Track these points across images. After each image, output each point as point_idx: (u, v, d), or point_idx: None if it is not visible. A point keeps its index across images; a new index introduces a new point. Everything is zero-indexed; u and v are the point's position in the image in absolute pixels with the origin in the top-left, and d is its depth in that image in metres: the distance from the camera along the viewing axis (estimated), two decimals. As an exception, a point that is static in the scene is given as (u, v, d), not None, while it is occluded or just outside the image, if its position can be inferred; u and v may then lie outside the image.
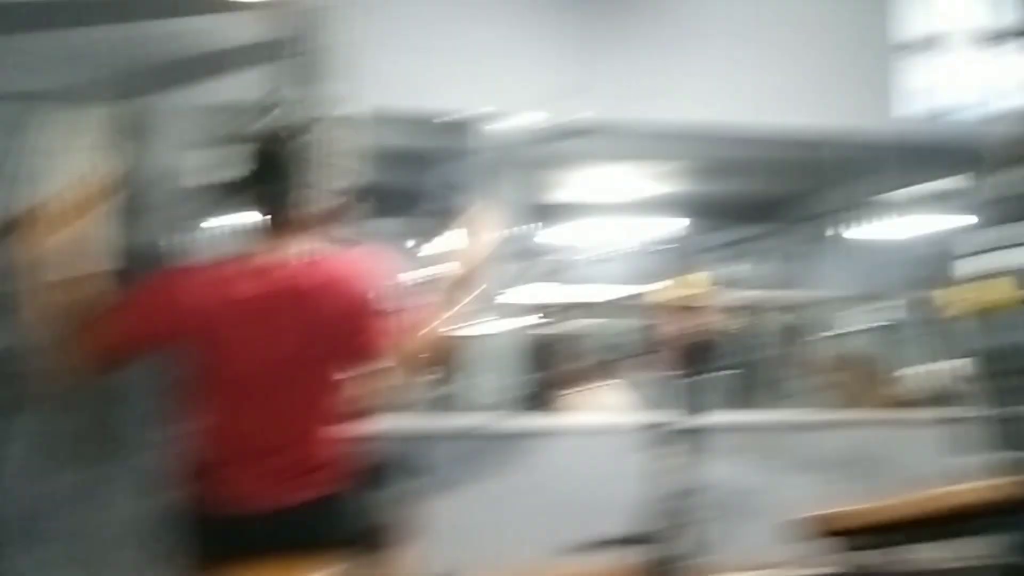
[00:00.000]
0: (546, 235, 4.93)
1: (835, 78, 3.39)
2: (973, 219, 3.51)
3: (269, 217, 1.47)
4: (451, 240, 1.67)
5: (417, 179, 3.63)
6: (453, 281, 1.58)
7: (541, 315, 4.28)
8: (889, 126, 3.44)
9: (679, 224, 5.30)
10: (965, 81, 3.52)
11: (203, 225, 2.04)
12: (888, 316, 4.77)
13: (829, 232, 4.99)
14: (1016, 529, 2.13)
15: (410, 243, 4.64)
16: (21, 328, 1.44)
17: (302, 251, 1.44)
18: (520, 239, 3.63)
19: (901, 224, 4.76)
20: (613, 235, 5.28)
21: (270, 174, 1.46)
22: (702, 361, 4.54)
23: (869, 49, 3.47)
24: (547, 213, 4.55)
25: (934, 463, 2.48)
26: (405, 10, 2.86)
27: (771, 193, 5.06)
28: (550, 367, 3.92)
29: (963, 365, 2.64)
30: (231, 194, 1.51)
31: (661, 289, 2.60)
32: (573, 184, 4.47)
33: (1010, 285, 2.33)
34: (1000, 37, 3.46)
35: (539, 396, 3.73)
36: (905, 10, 3.48)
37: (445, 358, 1.63)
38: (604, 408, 3.63)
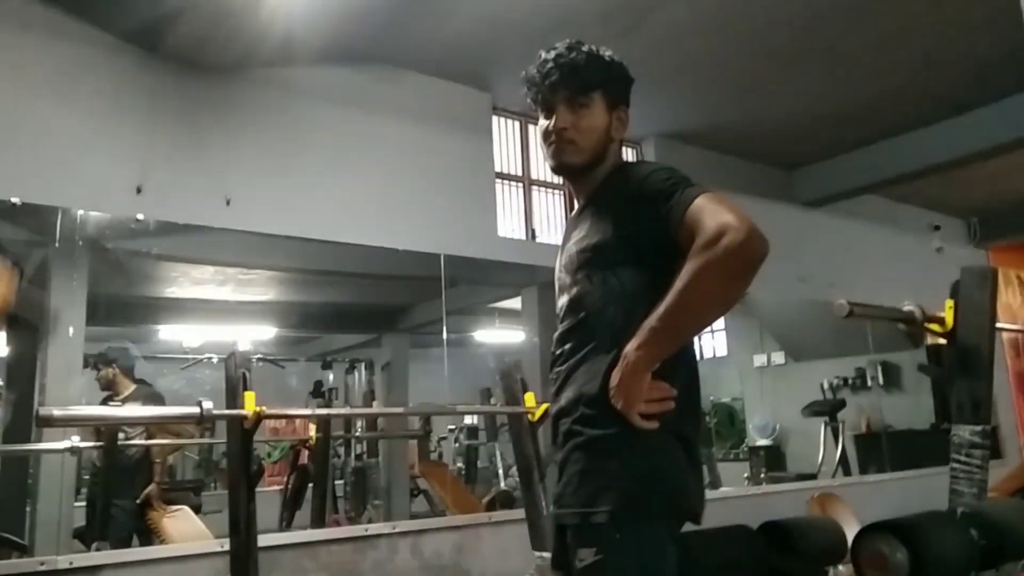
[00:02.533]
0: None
1: (448, 201, 3.77)
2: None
3: None
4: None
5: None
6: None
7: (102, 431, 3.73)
8: (494, 245, 3.92)
9: (269, 332, 5.16)
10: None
11: None
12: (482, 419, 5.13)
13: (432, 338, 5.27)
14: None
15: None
16: None
17: None
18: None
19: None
20: (202, 338, 4.90)
21: None
22: (300, 478, 4.40)
23: (477, 177, 3.94)
24: (137, 310, 4.12)
25: (525, 560, 2.65)
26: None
27: (379, 304, 5.25)
28: (120, 492, 3.40)
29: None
30: None
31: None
32: (166, 282, 4.13)
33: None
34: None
35: (105, 525, 3.19)
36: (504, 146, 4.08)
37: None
38: (179, 535, 3.27)
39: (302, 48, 3.25)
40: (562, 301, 1.60)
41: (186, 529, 3.38)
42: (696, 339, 1.62)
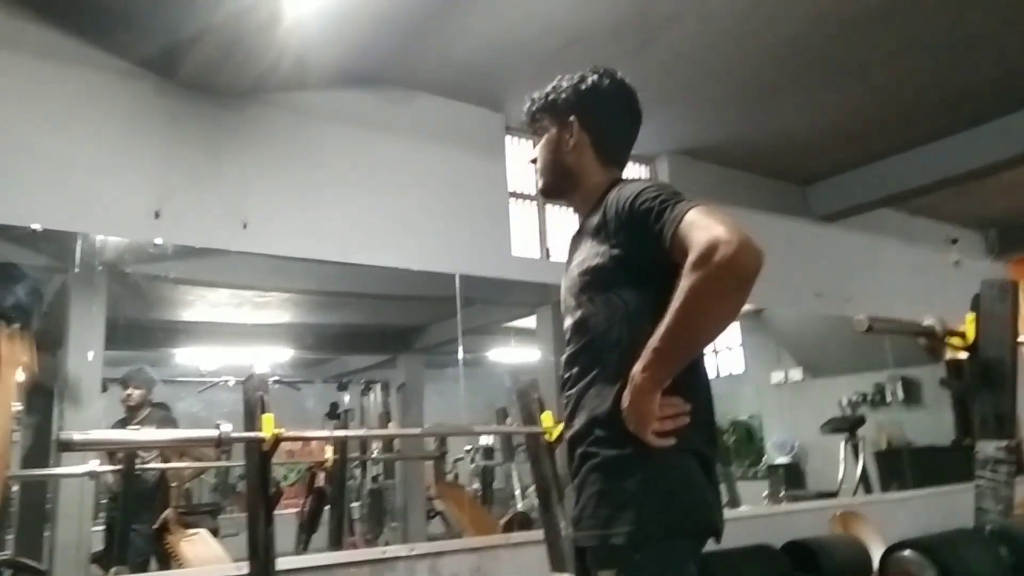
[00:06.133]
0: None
1: (462, 221, 3.77)
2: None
3: None
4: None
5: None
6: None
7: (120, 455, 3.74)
8: (509, 264, 3.91)
9: (285, 354, 5.16)
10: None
11: None
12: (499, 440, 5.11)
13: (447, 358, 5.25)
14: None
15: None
16: None
17: None
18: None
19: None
20: (219, 361, 4.91)
21: None
22: (316, 500, 4.39)
23: (491, 197, 3.94)
24: (155, 334, 4.15)
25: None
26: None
27: (394, 325, 5.25)
28: (138, 516, 3.40)
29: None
30: None
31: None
32: (184, 306, 4.16)
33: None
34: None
35: (124, 550, 3.19)
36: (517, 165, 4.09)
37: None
38: (197, 559, 3.25)
39: (316, 71, 3.28)
40: (567, 323, 1.60)
41: (204, 553, 3.36)
42: (710, 354, 1.61)
